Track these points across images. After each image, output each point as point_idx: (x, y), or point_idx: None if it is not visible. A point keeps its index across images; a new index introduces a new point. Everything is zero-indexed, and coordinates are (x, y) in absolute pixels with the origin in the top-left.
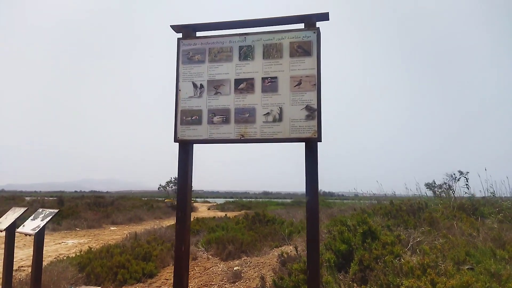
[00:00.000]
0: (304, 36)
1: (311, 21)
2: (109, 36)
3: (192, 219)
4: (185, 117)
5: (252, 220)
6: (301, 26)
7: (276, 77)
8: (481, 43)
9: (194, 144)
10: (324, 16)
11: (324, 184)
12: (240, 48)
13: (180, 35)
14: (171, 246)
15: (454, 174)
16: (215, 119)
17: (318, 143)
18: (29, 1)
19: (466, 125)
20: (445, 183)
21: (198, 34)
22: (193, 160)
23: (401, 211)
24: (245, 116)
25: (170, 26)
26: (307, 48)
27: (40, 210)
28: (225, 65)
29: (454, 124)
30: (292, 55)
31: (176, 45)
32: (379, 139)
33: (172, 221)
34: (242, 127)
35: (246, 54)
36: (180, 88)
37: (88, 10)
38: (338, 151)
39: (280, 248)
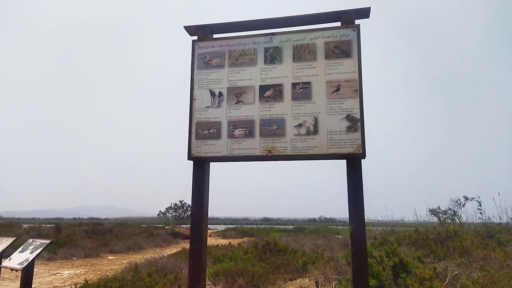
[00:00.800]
0: (341, 35)
1: (349, 18)
2: (112, 39)
3: None
4: (201, 130)
5: (262, 250)
6: (336, 24)
7: (309, 82)
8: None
9: (211, 162)
10: (364, 13)
11: (324, 210)
12: (266, 50)
13: (195, 37)
14: (174, 279)
15: (459, 199)
16: (237, 132)
17: (350, 159)
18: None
19: (474, 151)
20: (450, 209)
21: (215, 36)
22: (209, 181)
23: (429, 240)
24: (273, 128)
25: (184, 27)
26: (346, 49)
27: (30, 240)
28: (248, 70)
29: (462, 149)
30: (328, 56)
31: (191, 48)
32: (382, 161)
33: (173, 249)
34: (269, 142)
35: (273, 56)
36: (195, 96)
37: (91, 13)
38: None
39: (295, 281)
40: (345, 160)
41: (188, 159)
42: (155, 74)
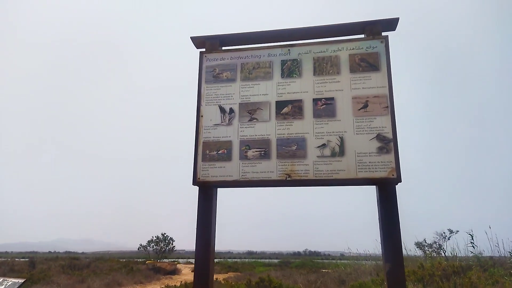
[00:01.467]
0: (368, 47)
1: (374, 29)
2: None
3: (179, 284)
4: (208, 151)
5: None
6: (361, 35)
7: (332, 98)
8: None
9: (219, 188)
10: (392, 24)
11: (308, 243)
12: (283, 62)
13: (202, 49)
14: None
15: (444, 232)
16: (250, 153)
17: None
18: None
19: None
20: (435, 242)
21: (225, 48)
22: (216, 210)
23: (435, 276)
24: (292, 148)
25: (191, 38)
26: (373, 62)
27: (1, 279)
28: (263, 84)
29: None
30: (353, 70)
31: (198, 60)
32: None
33: (154, 286)
34: (288, 164)
35: (291, 70)
36: (202, 113)
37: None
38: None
39: None
40: (375, 186)
41: (194, 184)
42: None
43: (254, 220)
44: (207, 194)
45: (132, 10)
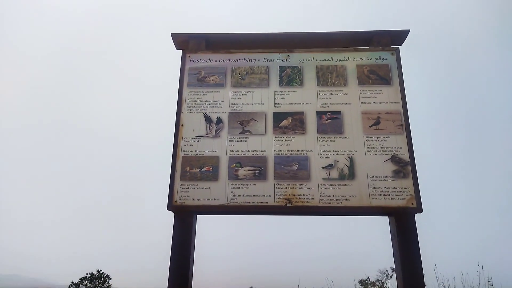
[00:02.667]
0: (377, 58)
1: (383, 41)
2: None
3: None
4: (189, 168)
5: None
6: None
7: (339, 112)
8: None
9: (200, 215)
10: (401, 37)
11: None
12: (281, 69)
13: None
14: None
15: (386, 270)
16: (242, 172)
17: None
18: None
19: None
20: (378, 280)
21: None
22: (195, 241)
23: None
24: (293, 168)
25: (172, 35)
26: (384, 74)
27: None
28: (258, 92)
29: None
30: (362, 82)
31: (180, 60)
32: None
33: None
34: (287, 187)
35: (290, 77)
36: (183, 122)
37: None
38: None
39: None
40: (388, 217)
41: (169, 208)
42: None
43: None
44: (184, 222)
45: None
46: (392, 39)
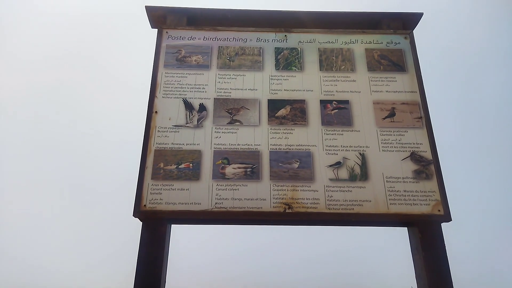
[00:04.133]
0: (389, 42)
1: (392, 24)
2: None
3: None
4: (163, 164)
5: None
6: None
7: (347, 101)
8: None
9: (175, 225)
10: (413, 21)
11: None
12: (278, 51)
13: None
14: None
15: None
16: (230, 170)
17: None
18: None
19: None
20: None
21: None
22: (168, 255)
23: None
24: (293, 166)
25: (146, 8)
26: (397, 60)
27: None
28: (249, 75)
29: None
30: (372, 68)
31: (156, 36)
32: None
33: None
34: (287, 189)
35: (288, 60)
36: (157, 108)
37: None
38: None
39: None
40: (407, 227)
41: (135, 215)
42: None
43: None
44: (155, 232)
45: None
46: (403, 23)
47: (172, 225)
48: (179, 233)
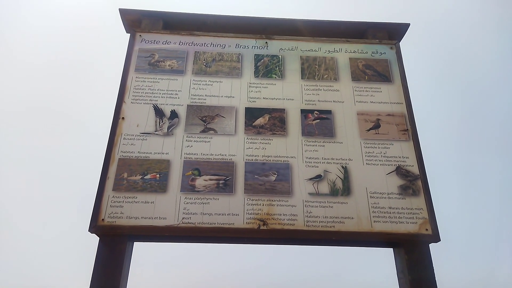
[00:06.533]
0: (374, 52)
1: (378, 35)
2: None
3: None
4: (127, 174)
5: None
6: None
7: (329, 111)
8: None
9: (138, 242)
10: (400, 32)
11: None
12: (257, 57)
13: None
14: None
15: None
16: (201, 182)
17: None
18: None
19: None
20: None
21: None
22: (128, 276)
23: None
24: (270, 179)
25: (120, 10)
26: (383, 71)
27: None
28: (226, 82)
29: None
30: (356, 78)
31: (128, 39)
32: None
33: None
34: (262, 203)
35: (268, 68)
36: (124, 114)
37: None
38: None
39: None
40: (392, 248)
41: (91, 230)
42: None
43: None
44: (114, 250)
45: None
46: (389, 34)
47: (134, 242)
48: (145, 251)
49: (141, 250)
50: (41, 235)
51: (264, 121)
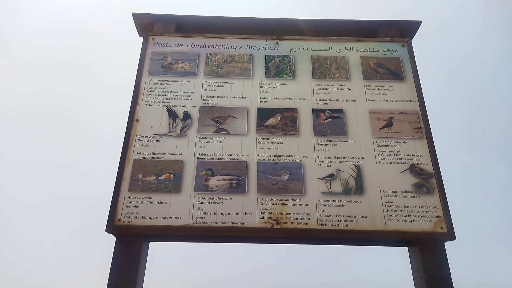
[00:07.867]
0: (385, 50)
1: (389, 32)
2: None
3: None
4: (142, 175)
5: None
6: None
7: (341, 110)
8: None
9: (153, 242)
10: (411, 29)
11: None
12: (268, 58)
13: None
14: None
15: None
16: (214, 182)
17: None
18: None
19: None
20: None
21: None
22: (143, 278)
23: None
24: (282, 178)
25: (133, 15)
26: (395, 69)
27: None
28: (238, 83)
29: None
30: (368, 76)
31: (142, 43)
32: None
33: None
34: (275, 202)
35: (279, 68)
36: (138, 116)
37: None
38: None
39: None
40: (407, 247)
41: (108, 230)
42: None
43: None
44: (130, 250)
45: None
46: (400, 32)
47: (149, 243)
48: (160, 251)
49: (156, 250)
50: (58, 237)
51: (276, 121)
